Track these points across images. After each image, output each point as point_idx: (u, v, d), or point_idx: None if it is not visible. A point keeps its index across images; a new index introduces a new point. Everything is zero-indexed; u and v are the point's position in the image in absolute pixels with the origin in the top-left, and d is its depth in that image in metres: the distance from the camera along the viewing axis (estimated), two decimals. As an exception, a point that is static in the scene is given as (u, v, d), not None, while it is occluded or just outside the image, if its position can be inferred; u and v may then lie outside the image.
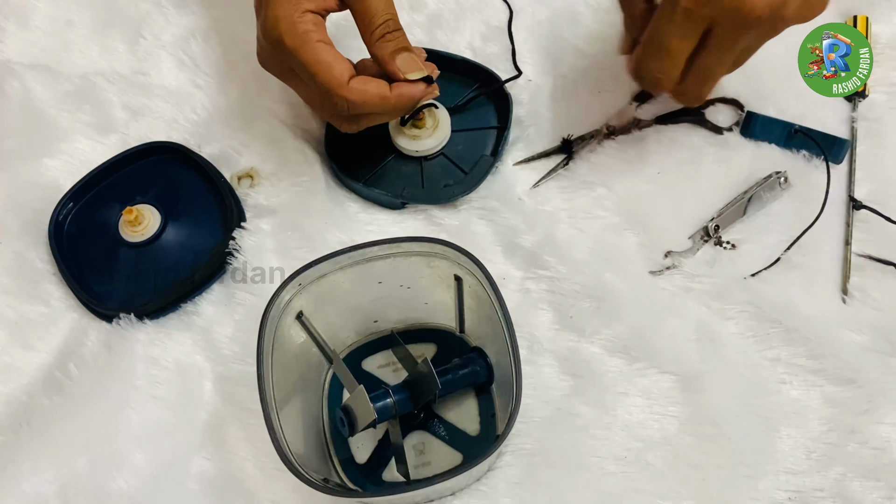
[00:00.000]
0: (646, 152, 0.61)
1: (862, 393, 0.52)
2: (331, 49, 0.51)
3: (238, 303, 0.58)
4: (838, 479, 0.50)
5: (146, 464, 0.53)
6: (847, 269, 0.56)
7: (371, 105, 0.52)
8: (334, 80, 0.51)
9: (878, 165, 0.60)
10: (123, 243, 0.59)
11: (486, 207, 0.60)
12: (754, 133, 0.61)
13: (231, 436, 0.54)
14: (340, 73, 0.51)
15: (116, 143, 0.64)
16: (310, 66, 0.51)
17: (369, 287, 0.52)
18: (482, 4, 0.67)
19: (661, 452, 0.52)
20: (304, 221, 0.59)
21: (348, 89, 0.51)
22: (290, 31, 0.51)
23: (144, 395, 0.55)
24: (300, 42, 0.51)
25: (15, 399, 0.56)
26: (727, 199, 0.59)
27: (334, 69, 0.51)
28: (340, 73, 0.51)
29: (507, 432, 0.44)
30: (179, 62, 0.67)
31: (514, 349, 0.46)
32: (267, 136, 0.63)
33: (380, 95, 0.52)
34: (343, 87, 0.51)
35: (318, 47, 0.51)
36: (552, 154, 0.62)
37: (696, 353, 0.54)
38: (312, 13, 0.52)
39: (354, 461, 0.53)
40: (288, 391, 0.50)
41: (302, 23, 0.51)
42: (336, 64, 0.51)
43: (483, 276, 0.48)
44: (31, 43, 0.69)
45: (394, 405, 0.50)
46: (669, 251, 0.58)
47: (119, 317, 0.57)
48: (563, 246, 0.58)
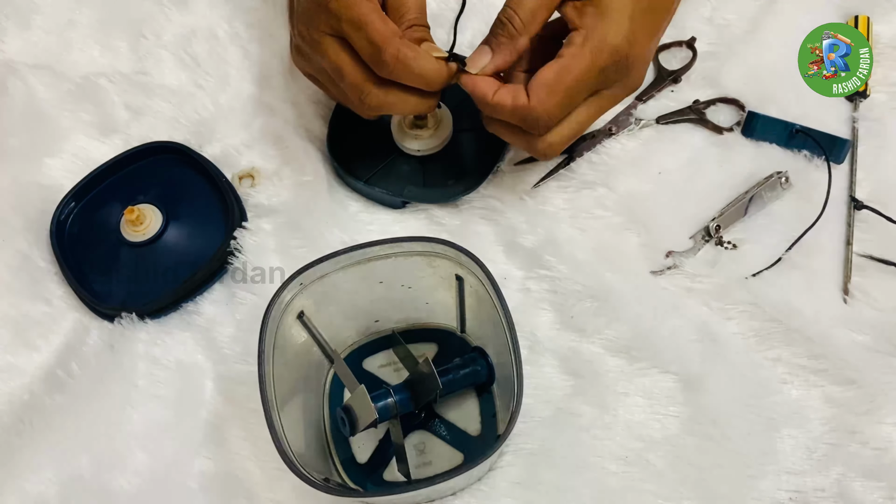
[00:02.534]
0: (647, 152, 0.62)
1: (863, 393, 0.52)
2: (379, 8, 0.52)
3: (239, 302, 0.58)
4: (839, 479, 0.50)
5: (147, 463, 0.53)
6: (848, 269, 0.56)
7: (420, 65, 0.51)
8: (388, 31, 0.50)
9: (879, 165, 0.60)
10: (125, 243, 0.59)
11: (488, 207, 0.60)
12: (755, 133, 0.61)
13: (232, 435, 0.54)
14: (394, 28, 0.51)
15: (118, 142, 0.64)
16: (364, 15, 0.50)
17: (370, 287, 0.52)
18: (483, 5, 0.67)
19: (662, 452, 0.52)
20: (306, 221, 0.59)
21: (401, 41, 0.51)
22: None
23: (145, 394, 0.55)
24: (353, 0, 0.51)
25: (16, 398, 0.56)
26: (728, 199, 0.59)
27: (388, 23, 0.51)
28: (394, 28, 0.51)
29: (508, 432, 0.44)
30: (181, 62, 0.67)
31: (515, 349, 0.46)
32: (268, 135, 0.64)
33: (430, 58, 0.51)
34: (395, 39, 0.50)
35: (370, 6, 0.51)
36: (553, 154, 0.62)
37: (697, 353, 0.54)
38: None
39: (355, 461, 0.53)
40: (289, 391, 0.50)
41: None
42: (387, 19, 0.51)
43: (484, 276, 0.48)
44: (32, 43, 0.69)
45: (395, 405, 0.50)
46: (670, 251, 0.58)
47: (120, 316, 0.57)
48: (565, 246, 0.58)
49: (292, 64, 0.63)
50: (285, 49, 0.66)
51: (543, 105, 0.50)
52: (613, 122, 0.62)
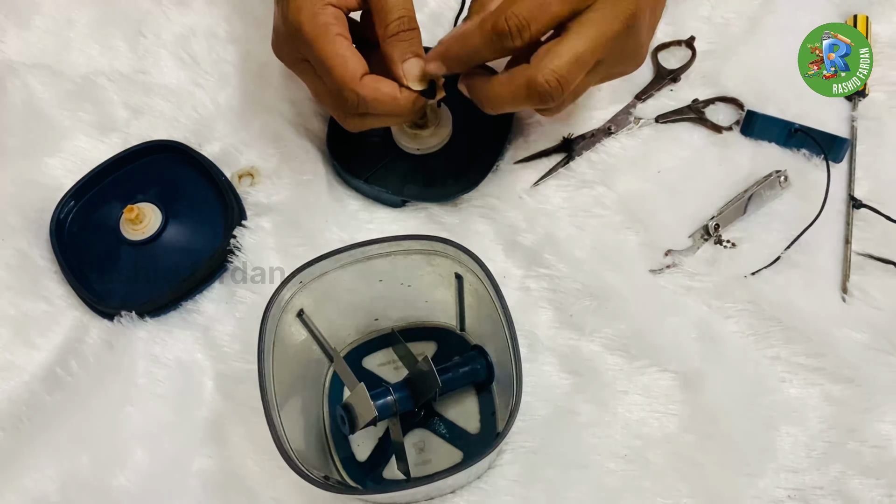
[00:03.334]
0: (646, 151, 0.62)
1: (862, 391, 0.52)
2: (348, 44, 0.52)
3: (239, 301, 0.58)
4: (838, 477, 0.50)
5: (147, 461, 0.53)
6: (847, 268, 0.57)
7: (381, 103, 0.52)
8: (348, 75, 0.51)
9: (878, 164, 0.60)
10: (124, 241, 0.59)
11: (487, 206, 0.60)
12: (754, 132, 0.61)
13: (232, 433, 0.54)
14: (355, 69, 0.51)
15: (117, 141, 0.64)
16: (326, 58, 0.51)
17: (370, 285, 0.52)
18: (483, 3, 0.67)
19: (661, 450, 0.52)
20: (305, 220, 0.60)
21: (361, 84, 0.51)
22: (310, 21, 0.51)
23: (145, 392, 0.55)
24: (320, 33, 0.51)
25: (16, 396, 0.56)
26: (727, 198, 0.59)
27: (349, 63, 0.51)
28: (355, 69, 0.51)
29: (508, 430, 0.44)
30: (180, 61, 0.67)
31: (515, 347, 0.46)
32: (268, 134, 0.64)
33: (391, 95, 0.52)
34: (356, 82, 0.51)
35: (337, 40, 0.51)
36: (553, 153, 0.62)
37: (696, 352, 0.54)
38: (334, 7, 0.52)
39: (355, 459, 0.53)
40: (288, 389, 0.50)
41: (323, 14, 0.51)
42: (352, 59, 0.51)
43: (484, 275, 0.48)
44: (31, 42, 0.69)
45: (394, 403, 0.50)
46: (669, 250, 0.58)
47: (120, 314, 0.57)
48: (564, 244, 0.58)
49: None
50: (285, 48, 0.66)
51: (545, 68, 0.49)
52: (612, 121, 0.62)
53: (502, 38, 0.49)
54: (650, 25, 0.53)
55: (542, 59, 0.49)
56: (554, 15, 0.48)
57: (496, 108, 0.52)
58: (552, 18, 0.49)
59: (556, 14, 0.49)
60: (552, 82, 0.49)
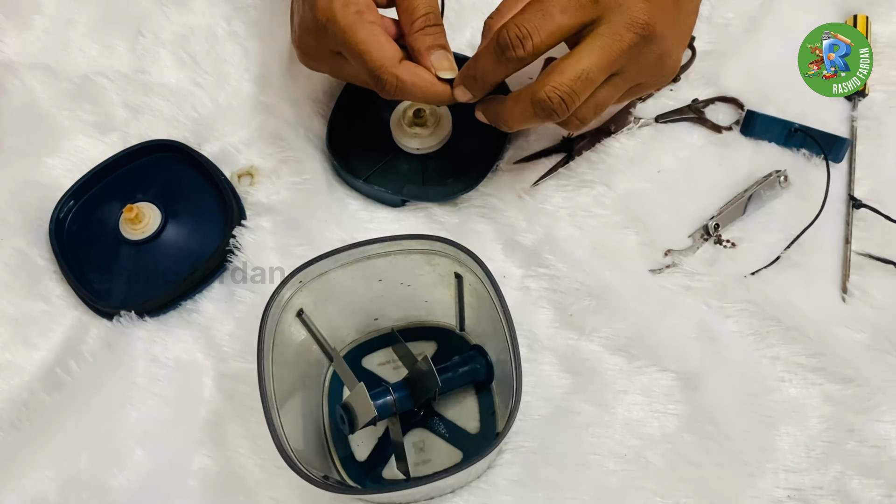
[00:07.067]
0: (646, 151, 0.62)
1: (861, 391, 0.52)
2: (382, 31, 0.52)
3: (238, 300, 0.58)
4: (837, 477, 0.50)
5: (146, 461, 0.53)
6: (847, 268, 0.57)
7: (419, 88, 0.52)
8: (387, 59, 0.51)
9: (878, 164, 0.60)
10: (124, 241, 0.59)
11: (487, 205, 0.60)
12: (754, 132, 0.61)
13: (231, 433, 0.54)
14: (393, 53, 0.51)
15: (117, 141, 0.64)
16: (362, 43, 0.51)
17: (370, 285, 0.52)
18: (483, 3, 0.67)
19: (660, 450, 0.52)
20: (305, 219, 0.59)
21: (400, 68, 0.51)
22: (342, 10, 0.51)
23: (145, 392, 0.55)
24: (354, 20, 0.51)
25: (16, 396, 0.56)
26: (727, 198, 0.59)
27: (386, 48, 0.51)
28: (393, 53, 0.51)
29: (507, 430, 0.44)
30: (179, 60, 0.67)
31: (514, 347, 0.46)
32: (267, 134, 0.64)
33: (430, 81, 0.52)
34: (395, 66, 0.51)
35: (371, 27, 0.51)
36: (552, 152, 0.62)
37: (695, 352, 0.54)
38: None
39: (354, 458, 0.53)
40: (288, 388, 0.50)
41: (354, 4, 0.52)
42: (388, 44, 0.52)
43: (483, 274, 0.48)
44: (31, 42, 0.69)
45: (394, 403, 0.50)
46: (669, 249, 0.58)
47: (119, 314, 0.57)
48: (563, 244, 0.58)
49: (291, 62, 0.64)
50: (284, 47, 0.66)
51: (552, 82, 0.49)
52: (612, 120, 0.62)
53: (504, 48, 0.49)
54: (674, 35, 0.52)
55: (548, 75, 0.49)
56: (557, 26, 0.48)
57: (510, 125, 0.53)
58: (556, 29, 0.48)
59: (559, 25, 0.48)
60: (554, 98, 0.49)
